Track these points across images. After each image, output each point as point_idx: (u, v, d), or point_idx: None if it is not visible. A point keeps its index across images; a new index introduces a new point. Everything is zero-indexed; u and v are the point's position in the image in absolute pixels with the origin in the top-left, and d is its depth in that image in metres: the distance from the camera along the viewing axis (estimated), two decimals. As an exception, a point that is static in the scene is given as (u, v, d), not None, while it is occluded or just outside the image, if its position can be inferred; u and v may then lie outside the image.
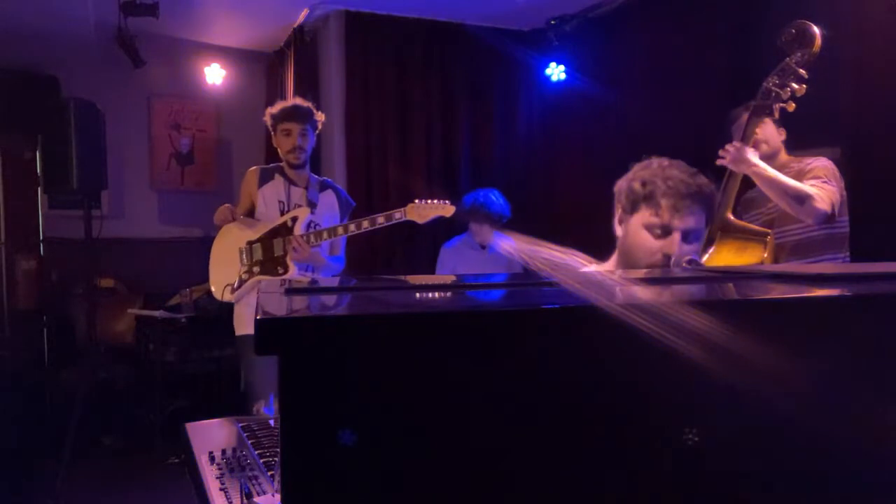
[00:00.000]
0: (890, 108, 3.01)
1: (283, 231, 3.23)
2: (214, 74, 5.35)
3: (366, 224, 3.14)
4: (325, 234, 3.19)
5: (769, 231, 2.38)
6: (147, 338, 4.89)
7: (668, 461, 0.78)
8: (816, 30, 2.19)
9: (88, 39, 4.87)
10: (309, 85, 5.19)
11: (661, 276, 1.31)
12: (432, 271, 4.31)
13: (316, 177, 3.44)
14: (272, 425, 1.50)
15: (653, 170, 1.68)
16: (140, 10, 4.17)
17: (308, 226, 3.26)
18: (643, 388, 0.77)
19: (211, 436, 1.45)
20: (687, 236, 1.63)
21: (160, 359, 4.70)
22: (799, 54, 2.21)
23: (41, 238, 5.18)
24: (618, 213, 1.73)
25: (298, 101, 3.40)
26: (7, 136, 4.94)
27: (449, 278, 2.48)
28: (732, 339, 0.75)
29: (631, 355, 0.75)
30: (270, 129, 3.38)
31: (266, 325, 0.66)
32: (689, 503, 0.80)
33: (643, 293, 0.94)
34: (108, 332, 5.03)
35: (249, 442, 1.38)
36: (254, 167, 3.44)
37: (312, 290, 1.02)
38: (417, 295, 1.02)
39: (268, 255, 3.23)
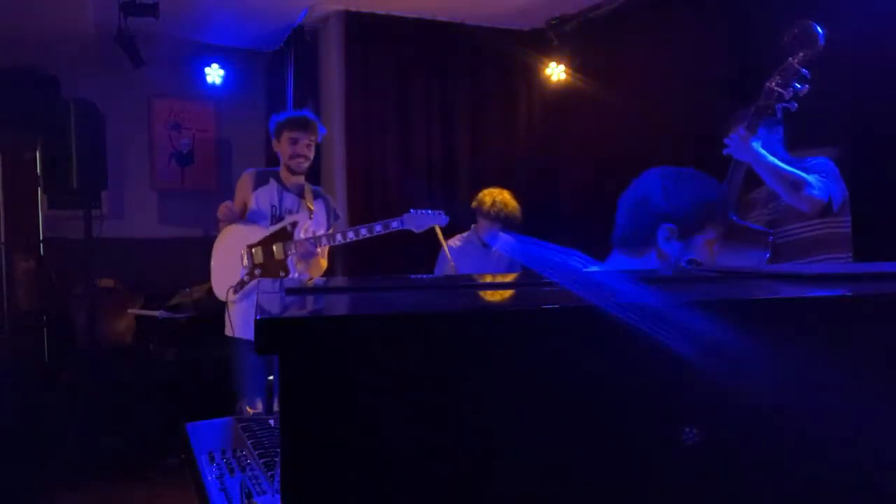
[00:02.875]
0: (890, 108, 3.01)
1: (283, 236, 3.32)
2: (214, 74, 5.35)
3: (364, 232, 3.28)
4: (324, 240, 3.32)
5: (771, 231, 2.38)
6: (147, 338, 4.88)
7: (668, 461, 0.78)
8: (819, 29, 2.19)
9: (88, 39, 4.87)
10: (309, 85, 5.19)
11: (662, 276, 1.31)
12: (433, 270, 4.31)
13: (309, 185, 3.54)
14: (272, 425, 1.50)
15: (696, 187, 1.68)
16: (140, 10, 4.17)
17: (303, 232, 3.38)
18: (643, 388, 0.77)
19: (211, 436, 1.45)
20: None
21: (160, 359, 4.70)
22: (801, 54, 2.21)
23: (41, 238, 5.17)
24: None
25: (308, 112, 3.53)
26: (7, 136, 4.94)
27: (449, 278, 2.48)
28: (732, 339, 0.75)
29: (631, 355, 0.75)
30: (274, 133, 3.44)
31: (266, 325, 0.66)
32: (690, 503, 0.80)
33: (642, 294, 0.94)
34: (108, 332, 5.03)
35: (249, 442, 1.38)
36: (251, 170, 3.52)
37: (312, 290, 1.02)
38: (418, 295, 1.02)
39: (268, 258, 3.31)
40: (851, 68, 3.07)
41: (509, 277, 2.37)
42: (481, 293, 1.08)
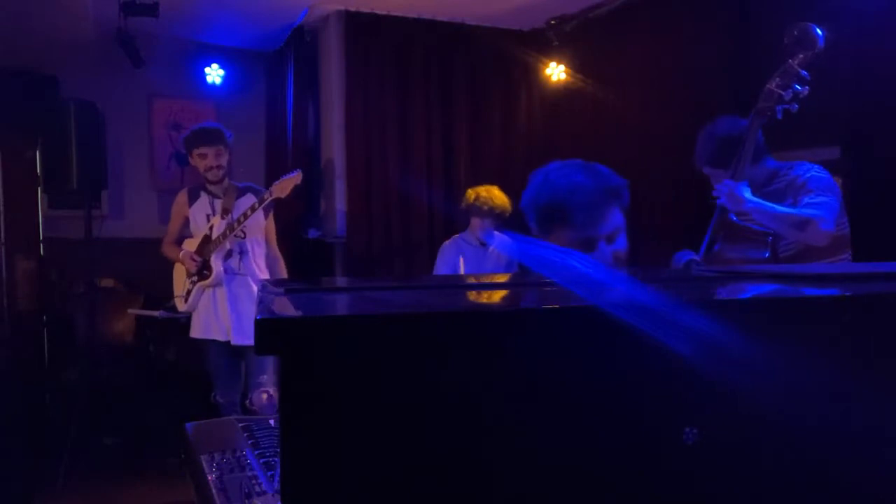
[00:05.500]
0: (890, 108, 3.01)
1: (206, 241, 3.67)
2: (214, 74, 5.35)
3: (248, 212, 3.57)
4: (228, 231, 3.59)
5: (770, 232, 2.37)
6: (147, 338, 4.88)
7: (668, 461, 0.78)
8: (819, 31, 2.19)
9: (88, 39, 4.86)
10: (309, 85, 5.19)
11: (661, 276, 1.31)
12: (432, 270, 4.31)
13: (238, 184, 3.79)
14: (272, 425, 1.50)
15: (555, 184, 1.60)
16: (140, 9, 4.17)
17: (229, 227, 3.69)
18: (643, 388, 0.77)
19: (211, 436, 1.45)
20: (611, 238, 1.59)
21: (160, 359, 4.69)
22: (801, 55, 2.20)
23: (41, 238, 5.17)
24: (533, 231, 1.65)
25: (209, 123, 3.79)
26: (7, 136, 4.93)
27: (449, 278, 2.48)
28: (732, 339, 0.75)
29: (630, 355, 0.75)
30: (185, 151, 3.73)
31: (266, 326, 0.66)
32: (689, 503, 0.80)
33: (641, 293, 0.94)
34: (108, 332, 5.03)
35: (249, 442, 1.38)
36: (183, 189, 3.87)
37: (312, 290, 1.02)
38: (418, 295, 1.02)
39: (201, 265, 3.67)
40: (851, 68, 3.07)
41: (508, 277, 2.37)
42: (481, 293, 1.08)
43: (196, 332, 3.71)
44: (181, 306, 3.73)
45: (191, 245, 3.72)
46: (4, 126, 4.89)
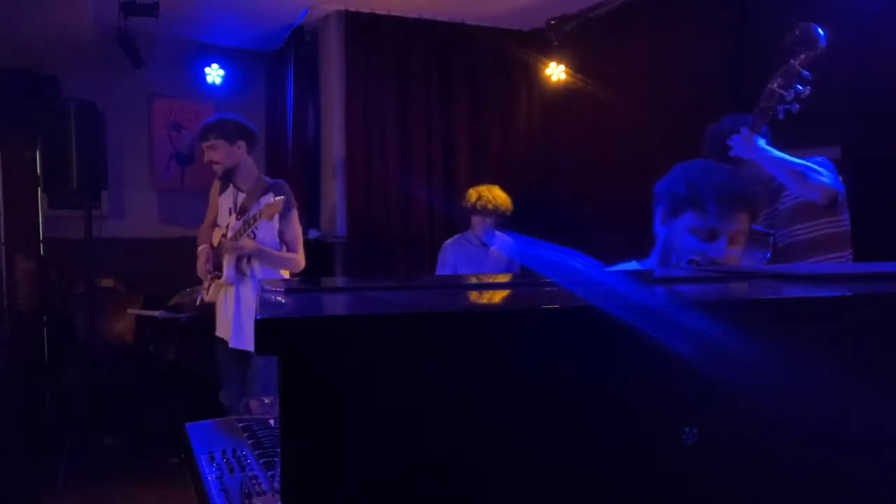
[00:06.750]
0: (890, 108, 3.01)
1: (223, 239, 3.63)
2: (214, 74, 5.36)
3: (259, 215, 3.47)
4: (241, 231, 3.50)
5: (771, 231, 2.38)
6: (147, 338, 4.88)
7: (668, 461, 0.78)
8: (820, 31, 2.19)
9: (88, 39, 4.87)
10: (309, 85, 5.19)
11: (662, 275, 1.31)
12: (434, 270, 4.31)
13: (269, 180, 3.68)
14: (272, 425, 1.50)
15: (697, 173, 1.67)
16: (140, 9, 4.17)
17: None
18: (643, 388, 0.77)
19: (211, 436, 1.45)
20: (734, 240, 1.64)
21: (160, 359, 4.69)
22: (802, 55, 2.20)
23: (41, 238, 5.17)
24: (660, 214, 1.72)
25: (211, 116, 3.70)
26: (7, 136, 4.93)
27: (449, 278, 2.48)
28: (732, 339, 0.75)
29: (630, 355, 0.75)
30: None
31: (266, 326, 0.66)
32: (689, 503, 0.80)
33: (642, 294, 0.94)
34: (108, 332, 5.03)
35: (249, 442, 1.38)
36: (217, 179, 3.81)
37: (312, 290, 1.02)
38: (418, 295, 1.02)
39: (217, 261, 3.66)
40: (851, 68, 3.07)
41: (509, 277, 2.38)
42: (481, 293, 1.08)
43: (216, 329, 3.71)
44: (205, 296, 3.74)
45: (217, 235, 3.69)
46: (4, 126, 4.89)
